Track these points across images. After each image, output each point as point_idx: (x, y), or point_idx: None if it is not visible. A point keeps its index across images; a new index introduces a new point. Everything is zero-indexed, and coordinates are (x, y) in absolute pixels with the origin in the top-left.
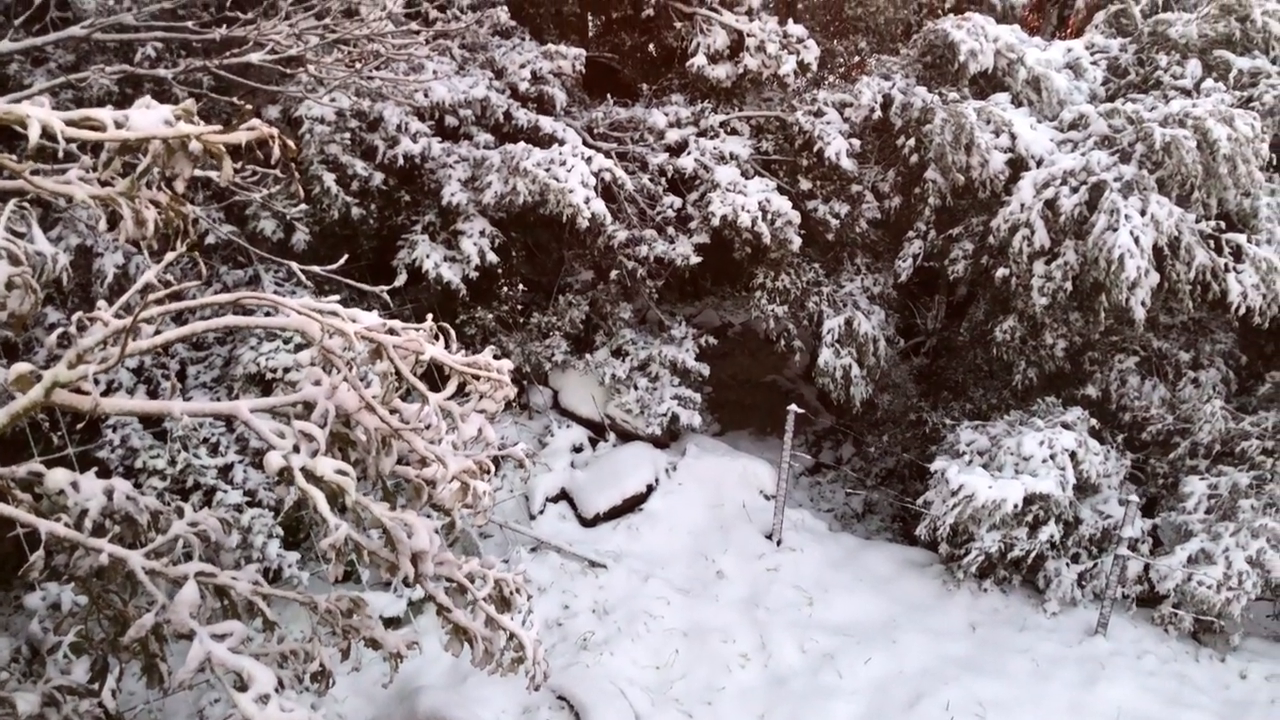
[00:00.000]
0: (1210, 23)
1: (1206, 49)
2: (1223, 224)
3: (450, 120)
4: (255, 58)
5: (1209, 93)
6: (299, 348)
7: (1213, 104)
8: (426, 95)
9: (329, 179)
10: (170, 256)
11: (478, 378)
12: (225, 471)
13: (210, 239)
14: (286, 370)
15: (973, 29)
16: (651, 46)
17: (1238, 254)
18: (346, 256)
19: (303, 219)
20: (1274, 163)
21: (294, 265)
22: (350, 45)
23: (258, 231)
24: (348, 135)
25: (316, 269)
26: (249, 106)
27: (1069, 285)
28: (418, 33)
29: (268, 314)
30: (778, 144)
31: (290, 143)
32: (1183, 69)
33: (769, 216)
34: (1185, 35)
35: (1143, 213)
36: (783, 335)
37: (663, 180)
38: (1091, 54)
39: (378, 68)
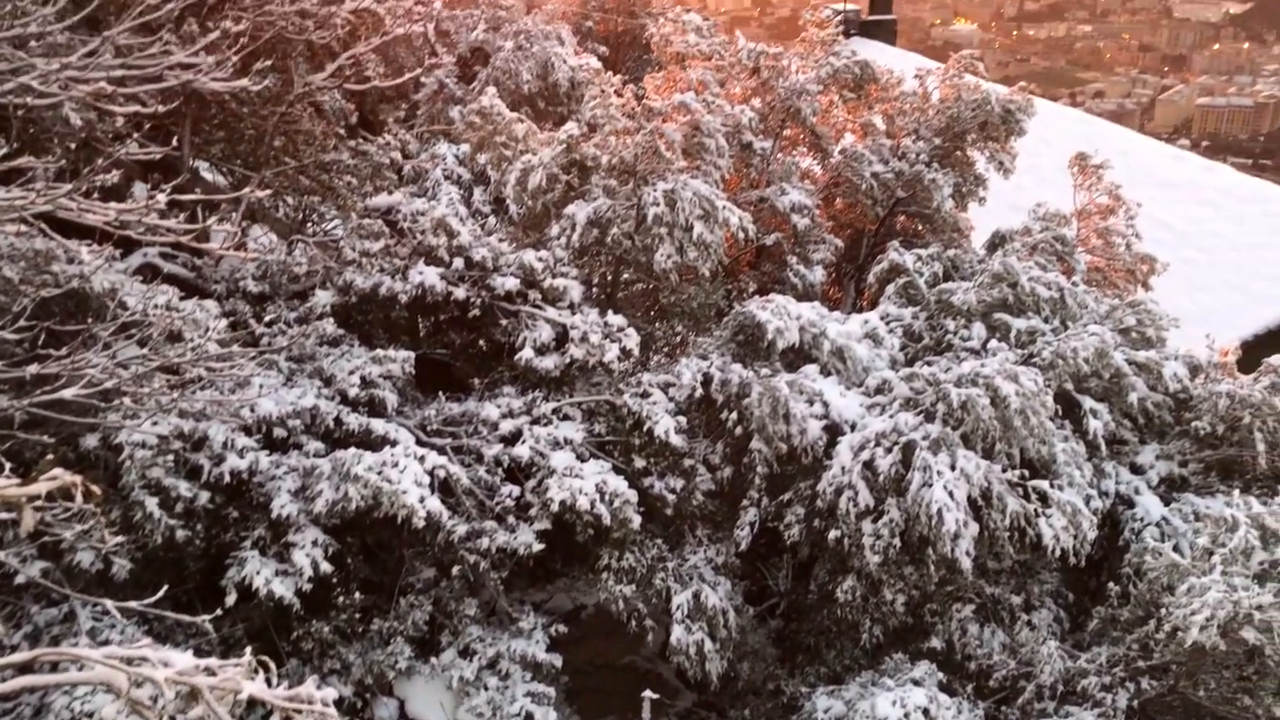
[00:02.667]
0: (986, 290)
1: (987, 312)
2: (1027, 472)
3: (279, 431)
4: (69, 393)
5: (995, 352)
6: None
7: (999, 363)
8: (253, 410)
9: (151, 504)
10: None
11: (300, 711)
12: None
13: (20, 578)
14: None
15: (776, 309)
16: (481, 343)
17: (1045, 500)
18: (167, 586)
19: (122, 548)
20: (1059, 412)
21: (108, 603)
22: (174, 371)
23: (74, 565)
24: (171, 457)
25: (134, 605)
26: (51, 456)
27: (898, 541)
28: (243, 352)
29: (79, 667)
30: (610, 425)
31: (95, 488)
32: (969, 331)
33: (607, 497)
34: (966, 302)
35: (953, 467)
36: (633, 615)
37: (500, 470)
38: (887, 323)
39: (202, 388)
